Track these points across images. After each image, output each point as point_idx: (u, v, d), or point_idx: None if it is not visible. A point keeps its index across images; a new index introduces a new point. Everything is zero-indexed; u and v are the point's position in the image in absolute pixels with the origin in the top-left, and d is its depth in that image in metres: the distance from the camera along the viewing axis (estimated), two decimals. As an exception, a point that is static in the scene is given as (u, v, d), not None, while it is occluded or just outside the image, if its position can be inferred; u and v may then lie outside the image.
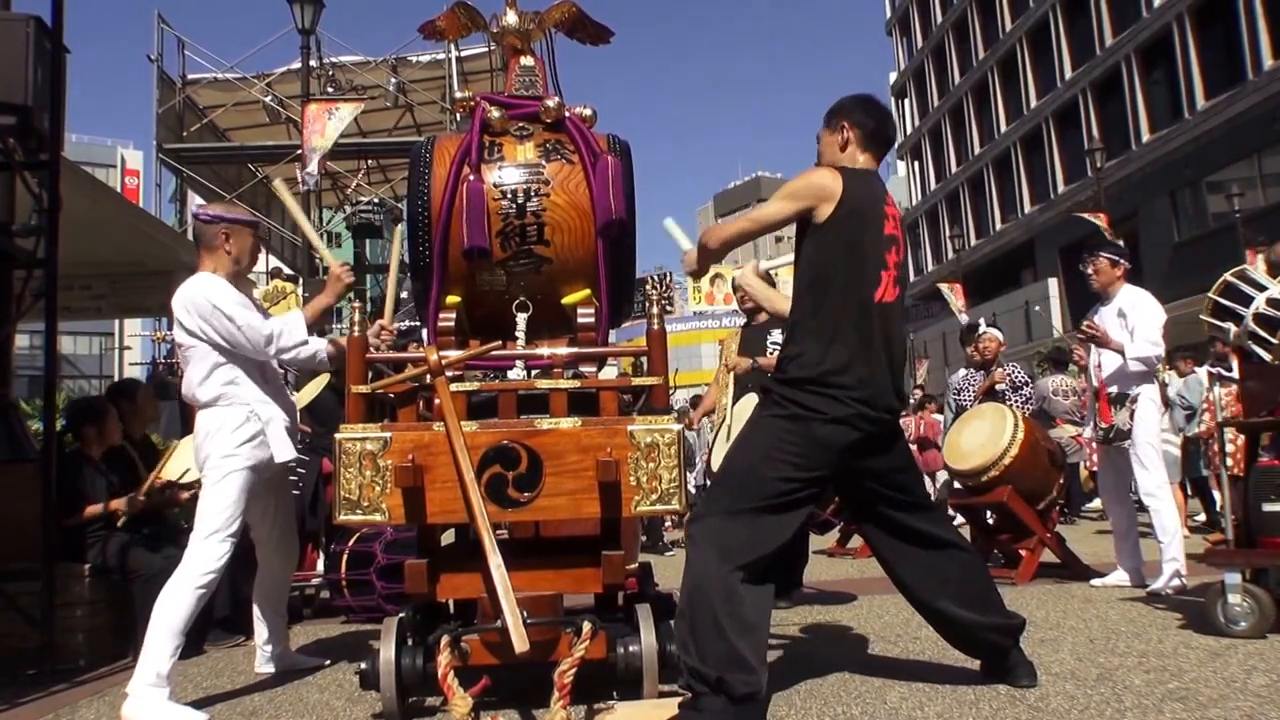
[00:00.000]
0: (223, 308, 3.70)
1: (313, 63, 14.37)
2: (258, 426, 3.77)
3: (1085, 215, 22.94)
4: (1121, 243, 10.25)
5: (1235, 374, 9.30)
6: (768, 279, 4.14)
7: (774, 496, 2.97)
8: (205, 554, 3.56)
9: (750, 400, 4.88)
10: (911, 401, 13.05)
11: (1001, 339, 7.84)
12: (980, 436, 6.42)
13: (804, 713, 3.06)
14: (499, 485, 3.10)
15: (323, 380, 5.78)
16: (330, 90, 15.00)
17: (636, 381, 3.44)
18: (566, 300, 3.55)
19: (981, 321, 8.36)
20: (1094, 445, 6.04)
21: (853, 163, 3.27)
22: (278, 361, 3.95)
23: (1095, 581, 5.67)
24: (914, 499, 3.27)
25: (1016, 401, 7.20)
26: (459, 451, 3.04)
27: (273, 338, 3.75)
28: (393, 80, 15.86)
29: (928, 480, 10.81)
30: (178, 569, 3.55)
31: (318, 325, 4.11)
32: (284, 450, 3.84)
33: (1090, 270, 5.67)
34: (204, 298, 3.72)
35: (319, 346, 3.94)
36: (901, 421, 3.55)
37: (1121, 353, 5.30)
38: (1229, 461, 9.17)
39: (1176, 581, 5.17)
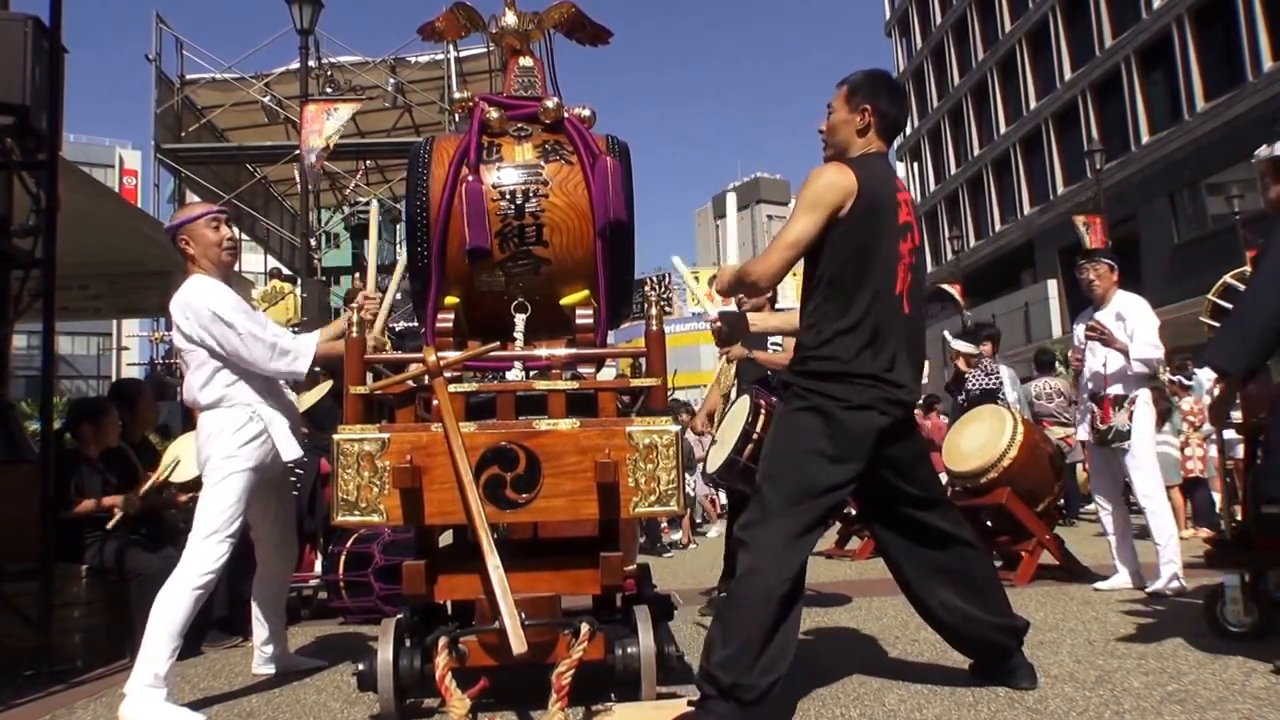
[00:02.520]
0: (223, 315, 3.66)
1: (311, 63, 14.34)
2: (260, 427, 3.76)
3: (1077, 219, 22.95)
4: (1100, 245, 10.36)
5: (1193, 382, 9.49)
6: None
7: (817, 494, 2.96)
8: (204, 555, 3.55)
9: (743, 403, 4.86)
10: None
11: (965, 349, 8.01)
12: (979, 438, 6.42)
13: (802, 714, 3.06)
14: (497, 486, 3.10)
15: (324, 387, 5.76)
16: (329, 90, 14.97)
17: (635, 383, 3.44)
18: (565, 301, 3.54)
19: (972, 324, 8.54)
20: (1087, 447, 6.06)
21: (866, 147, 3.23)
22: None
23: (1098, 585, 5.66)
24: (927, 492, 3.26)
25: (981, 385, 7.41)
26: (457, 452, 3.03)
27: (275, 353, 3.70)
28: (391, 80, 15.83)
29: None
30: (176, 569, 3.54)
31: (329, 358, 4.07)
32: (289, 449, 3.83)
33: (1092, 276, 5.71)
34: (203, 305, 3.68)
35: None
36: None
37: (1125, 353, 5.35)
38: (1195, 465, 9.32)
39: (1175, 583, 5.18)
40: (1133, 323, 5.46)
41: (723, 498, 11.24)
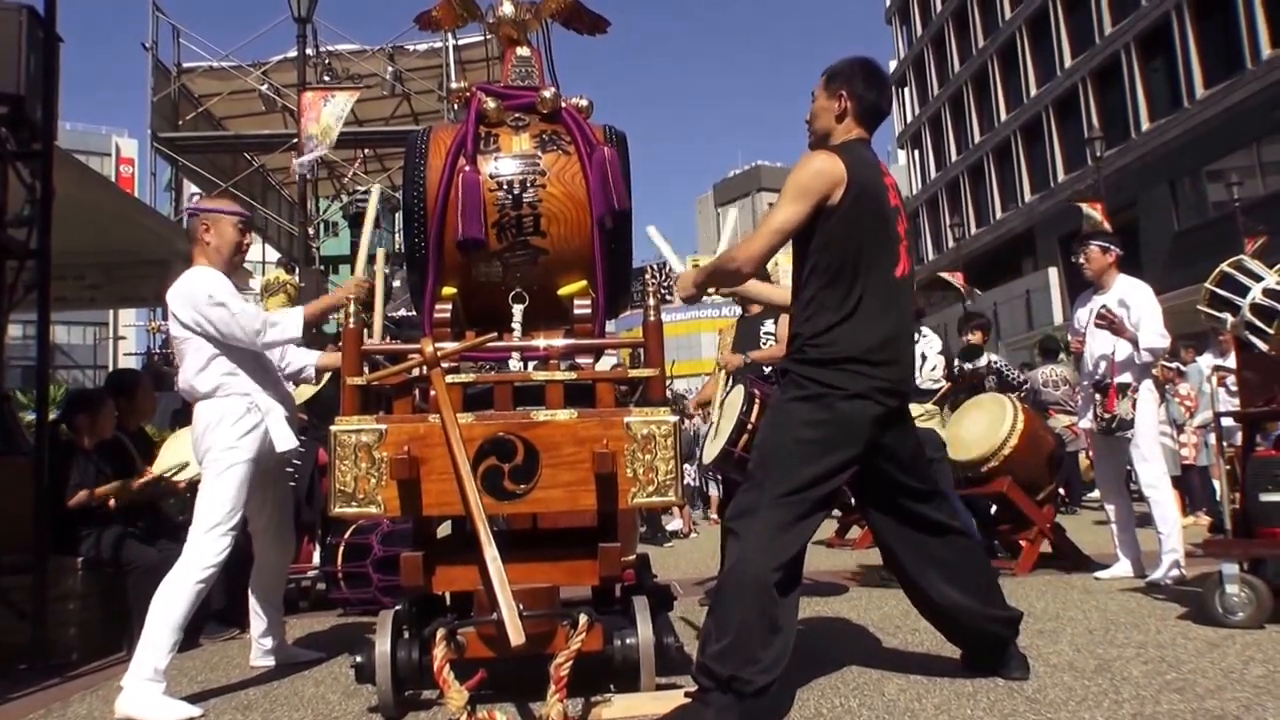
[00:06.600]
0: (217, 296, 3.69)
1: (309, 51, 14.30)
2: (257, 418, 3.75)
3: (1082, 204, 22.93)
4: (1109, 230, 10.33)
5: (1189, 369, 9.50)
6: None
7: (810, 484, 2.93)
8: (206, 548, 3.53)
9: (739, 392, 4.85)
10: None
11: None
12: (979, 427, 6.41)
13: (801, 704, 3.05)
14: (495, 477, 3.08)
15: (323, 380, 5.71)
16: (326, 79, 14.93)
17: (633, 373, 3.42)
18: (563, 291, 3.52)
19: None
20: (1090, 436, 6.05)
21: (847, 134, 3.21)
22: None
23: (1100, 574, 5.66)
24: (922, 482, 3.25)
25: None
26: (455, 443, 3.02)
27: (264, 328, 3.73)
28: (389, 69, 15.79)
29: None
30: (178, 563, 3.52)
31: (318, 324, 4.07)
32: (285, 440, 3.83)
33: (1082, 259, 5.70)
34: (199, 289, 3.71)
35: (308, 362, 4.05)
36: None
37: (1135, 343, 5.30)
38: (1189, 452, 9.34)
39: (1176, 572, 5.18)
40: (1138, 311, 5.37)
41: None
